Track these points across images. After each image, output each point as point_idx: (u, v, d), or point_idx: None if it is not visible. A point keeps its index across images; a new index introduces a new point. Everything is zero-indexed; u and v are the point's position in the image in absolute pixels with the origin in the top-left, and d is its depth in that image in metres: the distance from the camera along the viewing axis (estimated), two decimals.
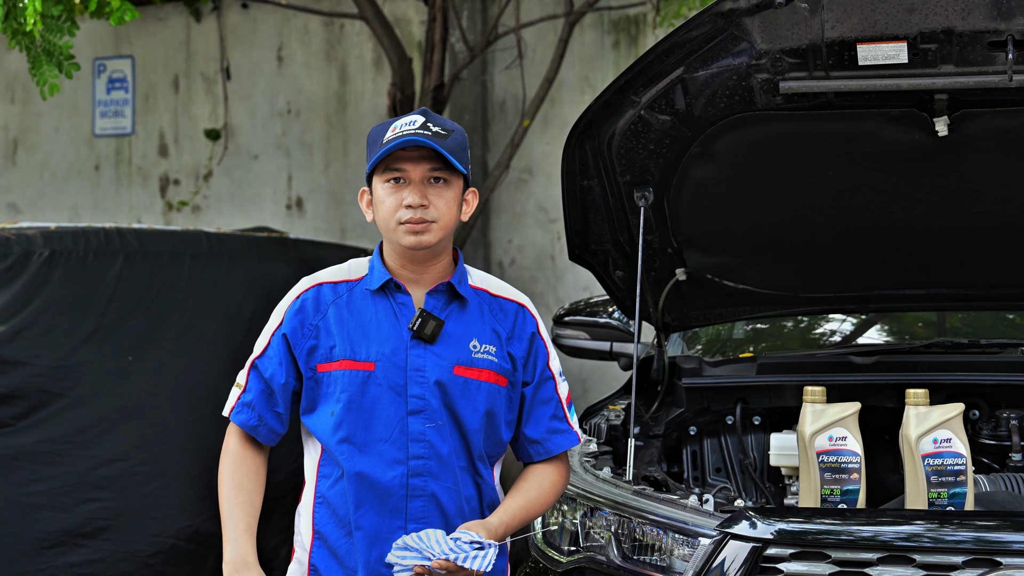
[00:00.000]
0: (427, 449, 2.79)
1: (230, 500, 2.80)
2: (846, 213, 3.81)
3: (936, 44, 3.24)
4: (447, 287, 2.86)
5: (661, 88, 3.47)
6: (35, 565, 4.70)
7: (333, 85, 8.46)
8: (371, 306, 2.84)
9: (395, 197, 2.78)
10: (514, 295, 2.96)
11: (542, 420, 2.92)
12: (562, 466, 2.98)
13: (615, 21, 7.80)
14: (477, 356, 2.84)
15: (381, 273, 2.85)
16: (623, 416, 3.92)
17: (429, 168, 2.78)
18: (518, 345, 2.89)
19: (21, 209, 9.20)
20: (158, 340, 5.19)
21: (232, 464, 2.84)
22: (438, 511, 2.80)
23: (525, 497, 2.88)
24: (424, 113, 2.82)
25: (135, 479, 4.97)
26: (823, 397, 3.51)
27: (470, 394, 2.82)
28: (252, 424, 2.85)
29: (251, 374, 2.87)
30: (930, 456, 3.34)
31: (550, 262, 7.79)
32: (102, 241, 5.16)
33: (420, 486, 2.79)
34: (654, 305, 4.08)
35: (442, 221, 2.80)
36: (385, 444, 2.78)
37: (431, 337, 2.80)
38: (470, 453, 2.85)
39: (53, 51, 5.24)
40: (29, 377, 4.81)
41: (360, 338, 2.81)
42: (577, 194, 3.77)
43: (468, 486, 2.85)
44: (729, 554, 3.09)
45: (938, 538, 3.00)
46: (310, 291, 2.88)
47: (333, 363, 2.81)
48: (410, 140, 2.74)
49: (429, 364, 2.80)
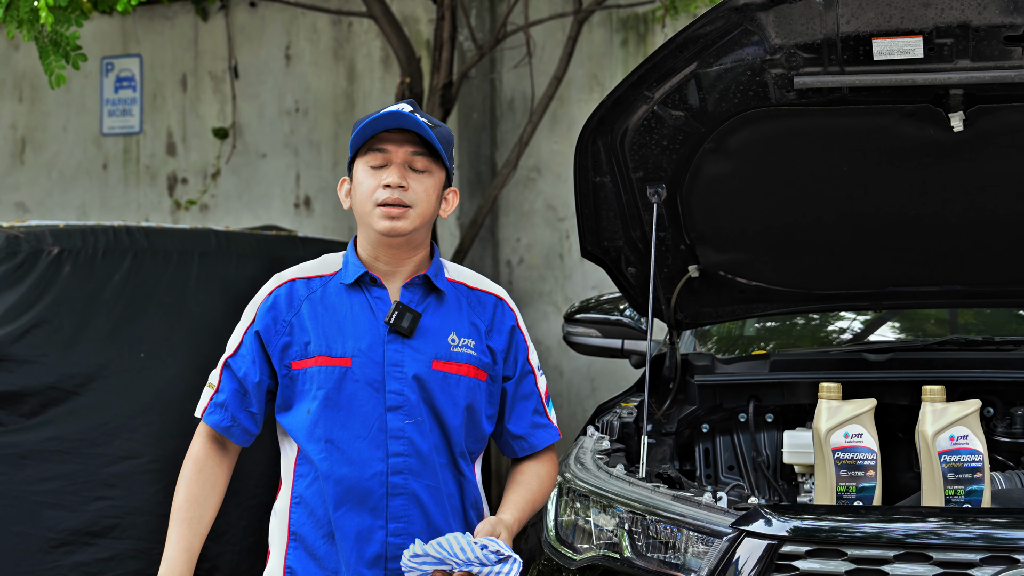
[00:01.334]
0: (407, 446, 2.74)
1: (180, 513, 2.76)
2: (860, 209, 3.79)
3: (952, 39, 3.22)
4: (423, 280, 2.81)
5: (674, 84, 3.45)
6: (43, 564, 4.70)
7: (341, 84, 8.45)
8: (346, 301, 2.78)
9: (374, 179, 2.73)
10: (491, 288, 2.91)
11: (524, 415, 2.89)
12: (552, 459, 2.95)
13: (624, 19, 7.79)
14: (456, 350, 2.78)
15: (356, 267, 2.80)
16: (636, 413, 3.91)
17: (412, 152, 2.73)
18: (498, 338, 2.85)
19: (29, 208, 9.19)
20: (167, 338, 5.18)
21: (192, 472, 2.79)
22: (419, 509, 2.75)
23: (529, 490, 2.85)
24: (411, 103, 2.79)
25: (145, 477, 4.96)
26: (839, 394, 3.49)
27: (449, 388, 2.77)
28: (225, 425, 2.80)
29: (224, 373, 2.82)
30: (947, 453, 3.32)
31: (559, 261, 7.78)
32: (111, 239, 5.15)
33: (400, 484, 2.74)
34: (666, 302, 4.06)
35: (419, 208, 2.74)
36: (363, 442, 2.73)
37: (408, 331, 2.75)
38: (451, 449, 2.80)
39: (60, 41, 5.24)
40: (38, 375, 4.81)
41: (336, 334, 2.75)
42: (590, 191, 3.75)
43: (449, 483, 2.80)
44: (744, 552, 3.07)
45: (955, 535, 2.98)
46: (282, 287, 2.82)
47: (308, 360, 2.75)
48: (395, 114, 2.71)
49: (407, 359, 2.75)
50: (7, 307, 4.81)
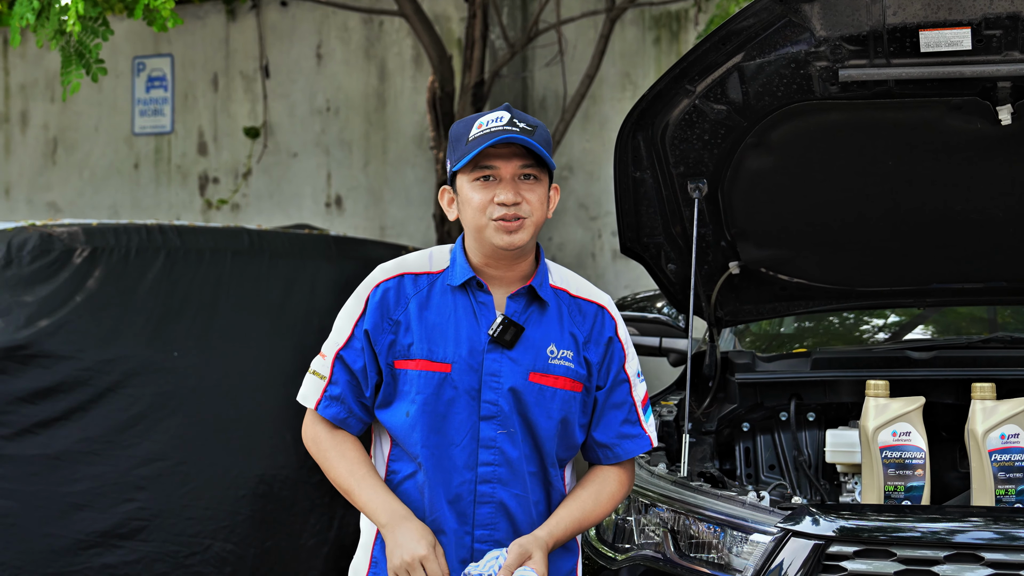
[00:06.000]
0: (497, 456, 2.74)
1: (354, 475, 2.75)
2: (904, 205, 3.74)
3: (1001, 30, 3.17)
4: (528, 290, 2.79)
5: (717, 77, 3.41)
6: (71, 566, 4.67)
7: (372, 83, 8.44)
8: (451, 303, 2.78)
9: (485, 195, 2.71)
10: (594, 295, 2.88)
11: (612, 424, 2.85)
12: (627, 473, 2.90)
13: (656, 17, 7.74)
14: (554, 362, 2.77)
15: (464, 269, 2.79)
16: (675, 412, 3.87)
17: (520, 165, 2.72)
18: (595, 350, 2.82)
19: (61, 208, 9.22)
20: (199, 337, 5.16)
21: (335, 450, 2.79)
22: (506, 518, 2.75)
23: (581, 508, 2.81)
24: (508, 109, 2.76)
25: (174, 479, 4.93)
26: (886, 391, 3.43)
27: (545, 401, 2.76)
28: (342, 417, 2.80)
29: (336, 365, 2.80)
30: (997, 452, 3.27)
31: (591, 260, 7.74)
32: (143, 238, 5.14)
33: (488, 493, 2.74)
34: (706, 299, 4.02)
35: (534, 217, 2.73)
36: (456, 449, 2.74)
37: (510, 344, 2.74)
38: (542, 460, 2.79)
39: (84, 53, 5.25)
40: (72, 372, 4.78)
41: (438, 337, 2.75)
42: (629, 186, 3.71)
43: (537, 490, 2.79)
44: (790, 552, 3.03)
45: (1009, 535, 2.92)
46: (391, 281, 2.81)
47: (410, 361, 2.76)
48: (503, 137, 2.68)
49: (505, 370, 2.75)
50: (40, 305, 4.80)
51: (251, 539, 5.03)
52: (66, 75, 5.24)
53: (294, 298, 5.44)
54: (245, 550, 5.02)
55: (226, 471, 5.03)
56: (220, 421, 5.09)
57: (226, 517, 5.00)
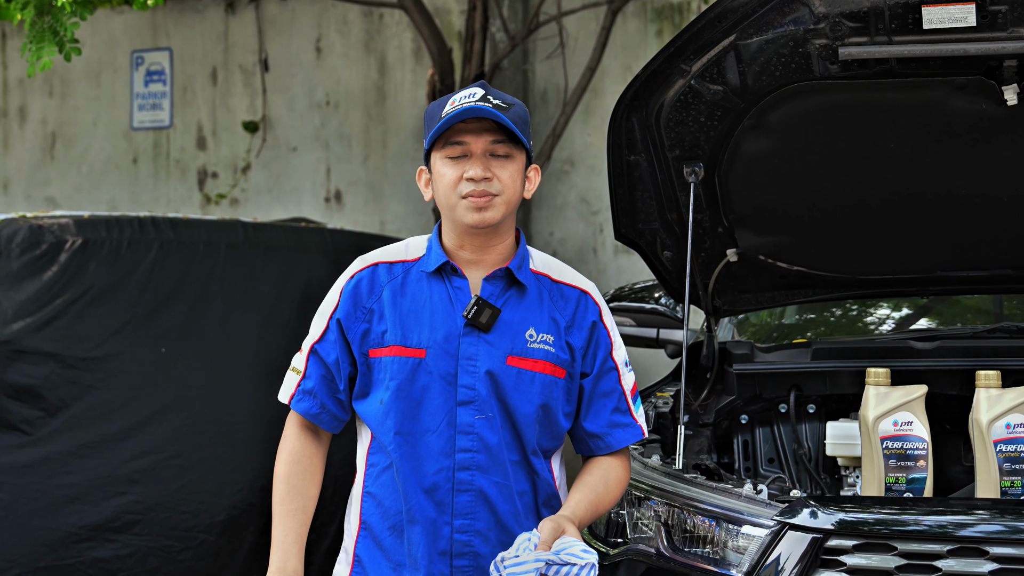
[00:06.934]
0: (475, 442, 2.69)
1: (283, 505, 2.73)
2: (907, 189, 3.66)
3: (1007, 6, 3.10)
4: (505, 272, 2.74)
5: (712, 56, 3.34)
6: (63, 560, 4.64)
7: (372, 76, 8.39)
8: (426, 289, 2.74)
9: (456, 171, 2.67)
10: (576, 280, 2.84)
11: (602, 413, 2.79)
12: (625, 460, 2.84)
13: (658, 9, 7.68)
14: (533, 346, 2.72)
15: (438, 255, 2.75)
16: (672, 403, 3.79)
17: (491, 140, 2.67)
18: (577, 334, 2.76)
19: (59, 203, 9.19)
20: (192, 331, 5.13)
21: (289, 464, 2.76)
22: (486, 507, 2.69)
23: (594, 491, 2.74)
24: (483, 86, 2.72)
25: (167, 473, 4.91)
26: (887, 380, 3.34)
27: (523, 385, 2.70)
28: (314, 412, 2.76)
29: (310, 359, 2.77)
30: (1003, 442, 3.17)
31: (592, 255, 7.67)
32: (136, 230, 5.10)
33: (467, 480, 2.69)
34: (704, 288, 3.94)
35: (506, 195, 2.68)
36: (431, 435, 2.69)
37: (486, 326, 2.69)
38: (523, 447, 2.72)
39: (60, 30, 5.19)
40: (60, 368, 4.75)
41: (412, 323, 2.71)
42: (624, 170, 3.64)
43: (521, 480, 2.73)
44: (787, 546, 2.95)
45: (1014, 529, 2.84)
46: (365, 271, 2.79)
47: (384, 348, 2.72)
48: (471, 110, 2.64)
49: (482, 353, 2.69)
50: (29, 298, 4.78)
51: (245, 533, 4.98)
52: (36, 51, 5.17)
53: (289, 292, 5.39)
54: (238, 545, 4.98)
55: (220, 465, 4.98)
56: (214, 415, 5.06)
57: (220, 511, 4.95)
